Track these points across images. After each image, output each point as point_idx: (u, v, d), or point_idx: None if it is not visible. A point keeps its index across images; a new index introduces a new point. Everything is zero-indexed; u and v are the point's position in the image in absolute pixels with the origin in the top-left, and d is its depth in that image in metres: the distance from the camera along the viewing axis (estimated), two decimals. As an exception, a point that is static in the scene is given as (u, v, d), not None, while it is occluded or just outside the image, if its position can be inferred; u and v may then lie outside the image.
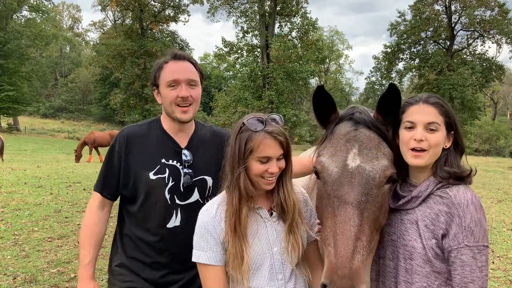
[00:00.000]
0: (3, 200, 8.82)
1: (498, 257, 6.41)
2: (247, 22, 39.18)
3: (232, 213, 1.68)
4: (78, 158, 20.02)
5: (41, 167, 14.63)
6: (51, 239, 6.51)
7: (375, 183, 1.61)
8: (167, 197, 2.07)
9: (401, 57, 44.22)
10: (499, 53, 60.68)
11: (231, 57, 40.32)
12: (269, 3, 38.14)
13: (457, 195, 1.61)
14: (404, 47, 43.38)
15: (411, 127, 1.69)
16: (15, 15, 46.75)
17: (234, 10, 39.61)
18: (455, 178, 1.67)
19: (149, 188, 2.05)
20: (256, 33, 38.73)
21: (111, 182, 2.13)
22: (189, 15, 46.25)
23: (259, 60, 38.09)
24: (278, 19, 38.88)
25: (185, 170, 2.10)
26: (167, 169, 2.08)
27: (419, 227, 1.67)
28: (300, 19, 38.31)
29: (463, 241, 1.55)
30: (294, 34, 38.42)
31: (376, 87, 58.15)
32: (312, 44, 36.68)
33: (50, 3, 49.15)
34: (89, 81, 62.40)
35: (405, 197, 1.72)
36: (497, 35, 40.52)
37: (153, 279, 2.10)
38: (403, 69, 44.77)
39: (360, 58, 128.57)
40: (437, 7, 41.98)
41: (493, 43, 42.19)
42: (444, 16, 41.97)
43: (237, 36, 39.82)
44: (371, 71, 47.93)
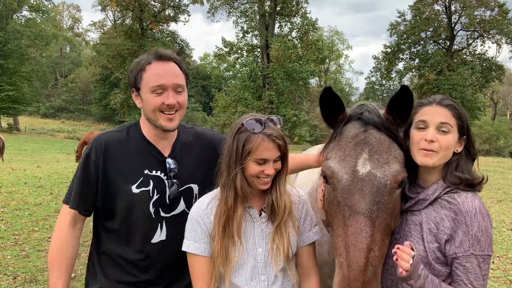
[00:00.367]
0: (3, 200, 8.83)
1: (498, 257, 6.41)
2: (247, 22, 39.20)
3: (224, 211, 1.70)
4: (78, 158, 19.93)
5: (41, 167, 14.65)
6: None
7: (386, 190, 1.57)
8: (152, 210, 1.88)
9: (401, 57, 44.24)
10: (499, 53, 60.87)
11: (231, 57, 40.35)
12: (269, 3, 38.15)
13: (465, 202, 1.59)
14: (404, 47, 43.39)
15: (423, 127, 1.66)
16: (15, 15, 46.76)
17: (234, 10, 39.64)
18: (466, 184, 1.64)
19: (132, 202, 1.85)
20: (256, 33, 38.74)
21: (88, 196, 1.88)
22: (189, 15, 46.33)
23: (259, 60, 38.10)
24: (278, 19, 38.89)
25: (171, 181, 1.91)
26: (151, 181, 1.88)
27: (422, 229, 1.66)
28: (300, 19, 38.32)
29: (469, 249, 1.54)
30: (294, 34, 38.45)
31: (376, 87, 58.16)
32: (312, 44, 36.69)
33: (50, 3, 49.19)
34: (89, 81, 62.36)
35: (412, 199, 1.71)
36: (497, 35, 40.54)
37: None
38: (403, 69, 44.78)
39: (360, 58, 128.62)
40: (437, 7, 42.01)
41: (493, 43, 42.24)
42: (444, 16, 41.97)
43: (237, 36, 39.89)
44: (371, 71, 48.02)
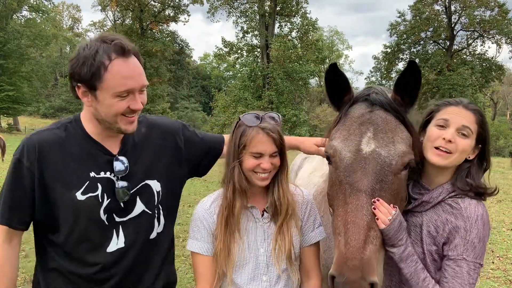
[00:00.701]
0: (3, 200, 8.79)
1: (498, 257, 6.41)
2: (247, 22, 39.19)
3: (225, 206, 1.72)
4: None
5: (41, 167, 14.59)
6: None
7: (391, 169, 1.50)
8: (103, 217, 1.65)
9: (401, 57, 44.21)
10: (499, 53, 60.71)
11: (231, 57, 40.35)
12: (269, 3, 38.14)
13: (469, 208, 1.58)
14: (404, 47, 43.38)
15: (444, 125, 1.63)
16: (15, 15, 46.74)
17: (234, 10, 39.63)
18: (475, 192, 1.62)
19: (77, 211, 1.61)
20: (256, 33, 38.73)
21: (21, 208, 1.62)
22: (189, 15, 46.30)
23: (259, 60, 38.09)
24: (278, 19, 38.88)
25: (119, 183, 1.67)
26: (100, 185, 1.64)
27: (422, 231, 1.65)
28: (300, 19, 38.32)
29: (462, 254, 1.53)
30: (294, 34, 38.44)
31: (376, 87, 57.97)
32: (312, 44, 36.68)
33: (50, 3, 49.17)
34: (89, 81, 62.23)
35: (416, 201, 1.69)
36: (497, 35, 40.53)
37: None
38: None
39: (360, 58, 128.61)
40: (437, 7, 42.01)
41: (493, 43, 42.24)
42: (444, 16, 41.97)
43: (237, 36, 39.86)
44: (371, 71, 47.89)
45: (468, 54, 42.57)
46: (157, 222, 1.81)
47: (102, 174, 1.66)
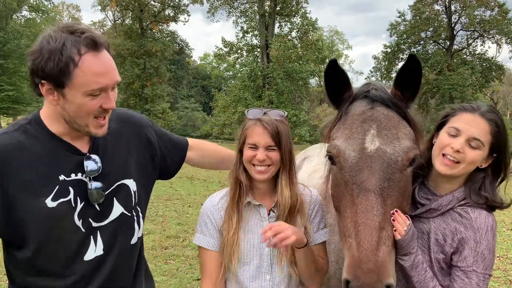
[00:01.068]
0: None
1: (498, 257, 6.41)
2: (247, 22, 39.20)
3: (230, 199, 1.76)
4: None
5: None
6: None
7: (397, 166, 1.46)
8: (79, 223, 1.49)
9: (401, 57, 44.14)
10: (499, 53, 60.67)
11: (231, 57, 40.38)
12: (269, 3, 38.14)
13: (479, 219, 1.55)
14: (404, 47, 43.33)
15: (454, 135, 1.57)
16: (15, 15, 46.75)
17: (234, 10, 39.66)
18: (489, 205, 1.58)
19: (49, 220, 1.44)
20: (256, 33, 38.74)
21: None
22: (189, 15, 46.28)
23: (259, 60, 38.10)
24: (278, 19, 38.88)
25: (91, 184, 1.52)
26: (71, 188, 1.48)
27: (430, 239, 1.61)
28: (300, 19, 38.32)
29: (472, 266, 1.51)
30: (294, 34, 38.46)
31: (376, 87, 57.89)
32: (312, 44, 36.68)
33: (50, 3, 49.17)
34: (89, 81, 62.24)
35: (423, 207, 1.64)
36: (497, 35, 40.50)
37: None
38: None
39: (360, 58, 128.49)
40: (437, 7, 41.98)
41: (493, 43, 42.19)
42: (444, 16, 41.94)
43: (237, 36, 39.89)
44: (371, 71, 47.81)
45: (468, 54, 42.54)
46: (137, 225, 1.70)
47: (72, 176, 1.49)
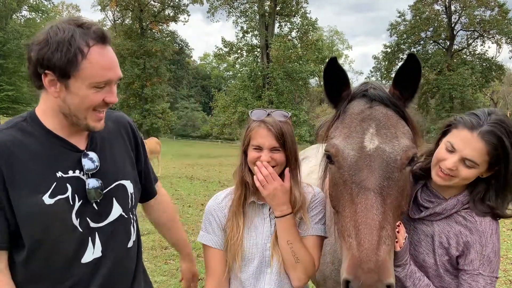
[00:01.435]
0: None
1: (498, 257, 6.41)
2: (247, 22, 39.16)
3: (236, 199, 1.78)
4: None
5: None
6: None
7: (396, 165, 1.45)
8: (76, 223, 1.46)
9: (401, 57, 44.14)
10: (499, 53, 60.63)
11: (231, 57, 40.32)
12: (269, 3, 38.12)
13: (483, 222, 1.55)
14: (404, 47, 43.33)
15: (451, 150, 1.55)
16: (14, 15, 46.75)
17: (234, 10, 39.62)
18: (494, 215, 1.57)
19: (47, 218, 1.41)
20: (256, 33, 38.71)
21: None
22: (189, 15, 46.28)
23: (259, 60, 38.08)
24: (278, 19, 38.86)
25: (91, 180, 1.50)
26: (69, 185, 1.46)
27: (434, 242, 1.61)
28: (300, 19, 38.29)
29: (479, 269, 1.51)
30: (294, 34, 38.41)
31: (376, 87, 57.83)
32: (312, 44, 36.64)
33: (49, 3, 49.16)
34: (89, 81, 62.25)
35: (427, 210, 1.64)
36: (497, 35, 40.50)
37: None
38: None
39: (360, 58, 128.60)
40: (437, 7, 41.98)
41: (493, 43, 42.19)
42: (444, 16, 41.95)
43: (236, 36, 39.85)
44: (371, 71, 47.82)
45: (468, 54, 42.54)
46: (132, 228, 1.68)
47: (70, 173, 1.47)
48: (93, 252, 1.51)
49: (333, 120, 1.67)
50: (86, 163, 1.51)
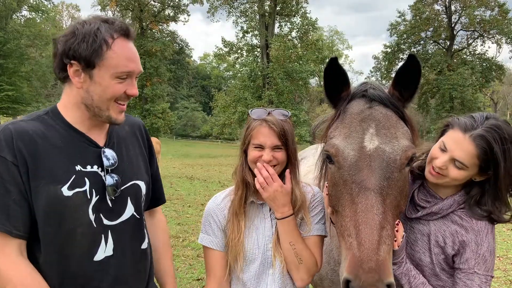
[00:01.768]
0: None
1: (498, 257, 6.41)
2: (247, 22, 39.17)
3: (234, 199, 1.77)
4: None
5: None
6: None
7: (396, 165, 1.46)
8: (92, 218, 1.46)
9: (401, 57, 44.14)
10: (499, 53, 60.32)
11: (231, 57, 40.33)
12: (269, 3, 38.12)
13: (479, 222, 1.56)
14: (404, 47, 43.33)
15: (444, 149, 1.58)
16: (14, 15, 46.73)
17: (234, 10, 39.61)
18: (490, 219, 1.57)
19: (63, 209, 1.41)
20: (256, 33, 38.71)
21: (16, 211, 1.37)
22: (189, 15, 46.26)
23: (259, 60, 38.08)
24: (278, 19, 38.85)
25: (109, 176, 1.51)
26: (87, 179, 1.46)
27: (430, 241, 1.62)
28: (300, 19, 38.28)
29: (474, 268, 1.52)
30: (294, 34, 38.40)
31: (376, 87, 57.84)
32: (312, 44, 36.64)
33: (49, 3, 49.12)
34: (89, 81, 62.34)
35: (424, 210, 1.65)
36: (497, 35, 40.49)
37: None
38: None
39: (360, 58, 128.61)
40: (437, 7, 41.97)
41: (493, 43, 42.17)
42: (444, 16, 41.94)
43: (237, 36, 39.85)
44: (371, 71, 47.79)
45: (468, 54, 42.52)
46: (145, 229, 1.69)
47: (88, 168, 1.48)
48: (104, 250, 1.51)
49: (332, 120, 1.67)
50: (105, 160, 1.53)
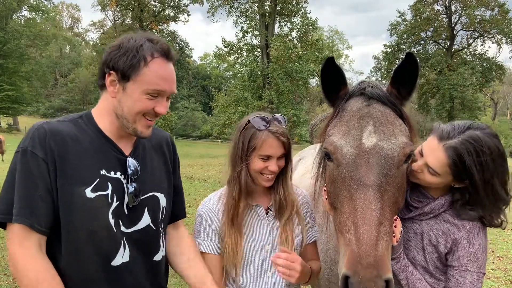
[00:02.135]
0: (3, 200, 8.77)
1: (498, 257, 6.41)
2: (247, 22, 39.16)
3: (230, 206, 1.75)
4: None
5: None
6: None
7: (394, 162, 1.47)
8: (112, 222, 1.50)
9: (401, 57, 44.01)
10: (499, 53, 60.47)
11: (231, 57, 40.31)
12: (269, 3, 38.11)
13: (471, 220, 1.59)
14: (404, 47, 43.33)
15: (421, 154, 1.64)
16: (15, 15, 46.74)
17: (234, 10, 39.60)
18: (482, 223, 1.60)
19: (85, 210, 1.45)
20: (256, 33, 38.71)
21: (41, 206, 1.41)
22: (189, 15, 46.36)
23: (259, 60, 38.07)
24: (278, 19, 38.85)
25: (130, 184, 1.56)
26: (110, 184, 1.51)
27: (423, 240, 1.64)
28: (300, 19, 38.28)
29: (466, 265, 1.54)
30: (294, 34, 38.39)
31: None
32: (312, 44, 36.63)
33: (50, 3, 49.13)
34: (89, 81, 62.34)
35: (417, 210, 1.68)
36: (497, 35, 40.50)
37: None
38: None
39: (360, 58, 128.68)
40: (437, 7, 42.00)
41: (493, 43, 42.19)
42: (444, 16, 41.95)
43: (237, 36, 39.84)
44: (371, 71, 47.79)
45: (468, 54, 42.54)
46: (162, 242, 1.70)
47: (112, 173, 1.54)
48: (122, 255, 1.54)
49: (331, 118, 1.69)
50: (129, 168, 1.58)
